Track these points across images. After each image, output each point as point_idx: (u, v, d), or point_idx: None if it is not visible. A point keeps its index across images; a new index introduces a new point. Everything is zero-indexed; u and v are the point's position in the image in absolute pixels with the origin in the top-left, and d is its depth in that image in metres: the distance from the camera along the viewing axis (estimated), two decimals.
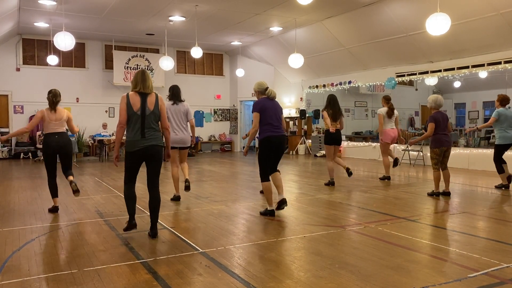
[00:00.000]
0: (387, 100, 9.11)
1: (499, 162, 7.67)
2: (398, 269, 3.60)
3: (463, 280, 3.34)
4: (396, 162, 9.07)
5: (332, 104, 8.24)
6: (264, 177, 5.74)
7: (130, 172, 4.69)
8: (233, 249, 4.25)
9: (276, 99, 5.94)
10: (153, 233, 4.70)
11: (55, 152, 6.06)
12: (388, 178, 9.04)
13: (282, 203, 5.78)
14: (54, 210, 6.09)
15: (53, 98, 6.01)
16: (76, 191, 6.07)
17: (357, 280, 3.37)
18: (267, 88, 5.85)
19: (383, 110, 8.99)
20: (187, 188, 6.87)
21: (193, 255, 4.06)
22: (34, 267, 3.76)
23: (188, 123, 6.81)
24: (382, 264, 3.74)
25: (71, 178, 6.17)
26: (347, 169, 8.38)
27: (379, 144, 9.21)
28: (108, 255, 4.07)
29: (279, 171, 5.91)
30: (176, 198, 6.92)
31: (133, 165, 4.66)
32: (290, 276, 3.48)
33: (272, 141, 5.70)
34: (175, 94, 6.69)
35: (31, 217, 5.79)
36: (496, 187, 7.78)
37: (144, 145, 4.57)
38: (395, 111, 9.02)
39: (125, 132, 4.61)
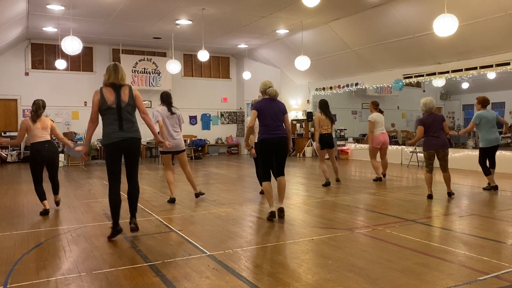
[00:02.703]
0: (376, 105, 9.22)
1: (485, 164, 7.71)
2: (407, 272, 3.57)
3: (472, 283, 3.31)
4: (380, 179, 9.11)
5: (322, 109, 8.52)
6: (264, 178, 5.67)
7: (112, 168, 4.63)
8: (240, 251, 4.25)
9: (279, 99, 5.76)
10: (133, 223, 4.74)
11: (45, 160, 6.25)
12: (380, 179, 9.07)
13: (280, 212, 5.64)
14: (45, 213, 6.15)
15: (37, 110, 6.15)
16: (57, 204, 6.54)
17: (365, 283, 3.35)
18: (270, 87, 5.71)
19: (374, 116, 9.06)
20: (198, 195, 7.19)
21: (201, 257, 4.06)
22: (43, 270, 3.78)
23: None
24: (390, 267, 3.72)
25: (57, 198, 6.56)
26: (328, 181, 8.51)
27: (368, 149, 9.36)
28: (116, 258, 4.08)
29: (283, 176, 5.76)
30: (171, 200, 6.97)
31: (113, 158, 4.60)
32: (298, 279, 3.47)
33: (266, 143, 5.55)
34: (168, 102, 6.87)
35: (40, 220, 5.84)
36: (484, 189, 7.76)
37: (122, 137, 4.56)
38: (381, 116, 9.21)
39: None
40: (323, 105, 8.59)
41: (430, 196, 6.92)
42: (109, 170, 4.68)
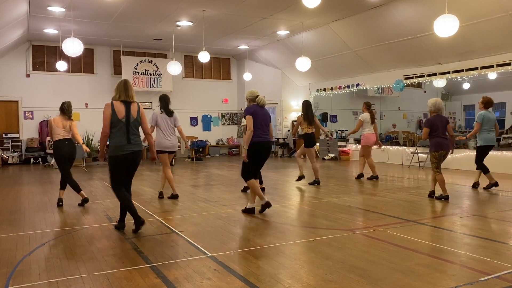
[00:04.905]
0: (368, 106, 9.57)
1: (482, 162, 7.83)
2: (408, 273, 3.57)
3: (474, 284, 3.31)
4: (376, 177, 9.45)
5: (308, 109, 8.80)
6: (249, 177, 6.04)
7: (117, 176, 5.02)
8: (242, 253, 4.25)
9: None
10: (140, 221, 4.99)
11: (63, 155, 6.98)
12: (377, 177, 9.41)
13: (250, 212, 6.08)
14: (85, 201, 6.95)
15: (69, 107, 7.10)
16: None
17: (367, 284, 3.34)
18: (258, 96, 6.10)
19: (365, 116, 9.45)
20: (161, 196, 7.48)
21: (202, 259, 4.06)
22: (44, 271, 3.78)
23: (176, 129, 7.42)
24: (392, 267, 3.71)
25: (61, 194, 7.02)
26: (302, 176, 9.02)
27: (360, 146, 9.83)
28: (117, 260, 4.08)
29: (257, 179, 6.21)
30: (174, 197, 7.38)
31: (119, 168, 4.99)
32: (299, 280, 3.47)
33: (260, 146, 5.92)
34: (166, 105, 7.27)
35: (41, 222, 5.84)
36: (485, 188, 7.81)
37: (131, 149, 4.97)
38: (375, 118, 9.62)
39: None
40: (304, 106, 8.89)
41: (447, 197, 6.83)
42: (114, 177, 5.04)
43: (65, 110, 6.97)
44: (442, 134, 6.82)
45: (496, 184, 7.73)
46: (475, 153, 8.05)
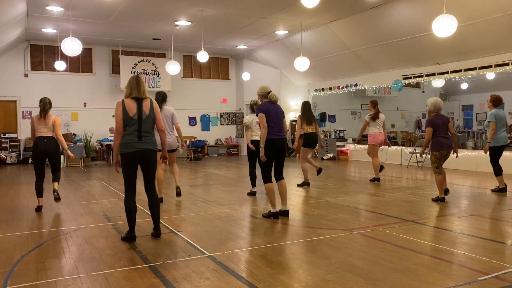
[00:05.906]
0: (374, 104, 9.32)
1: (497, 163, 7.48)
2: (407, 273, 3.57)
3: (472, 284, 3.31)
4: (378, 179, 9.19)
5: (306, 110, 8.77)
6: (267, 179, 5.79)
7: (128, 176, 4.70)
8: (240, 252, 4.25)
9: (278, 103, 6.05)
10: (157, 233, 4.85)
11: (42, 154, 6.64)
12: (378, 179, 9.16)
13: (283, 215, 5.83)
14: (38, 209, 6.53)
15: (44, 106, 6.60)
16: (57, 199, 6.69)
17: (365, 283, 3.35)
18: (270, 91, 5.95)
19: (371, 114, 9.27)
20: (179, 194, 7.24)
21: (201, 259, 4.06)
22: (42, 271, 3.78)
23: (174, 126, 7.11)
24: (390, 267, 3.72)
25: (56, 186, 6.80)
26: (319, 169, 8.98)
27: (367, 146, 9.51)
28: (116, 259, 4.08)
29: (283, 179, 5.95)
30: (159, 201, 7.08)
31: (128, 166, 4.67)
32: (297, 280, 3.47)
33: (273, 144, 5.74)
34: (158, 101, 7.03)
35: (40, 221, 5.84)
36: (493, 191, 7.58)
37: (140, 147, 4.66)
38: (381, 115, 9.23)
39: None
40: (304, 107, 8.89)
41: (443, 200, 6.75)
42: (125, 177, 4.76)
43: (41, 109, 6.59)
44: (443, 133, 6.78)
45: (504, 190, 7.44)
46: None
